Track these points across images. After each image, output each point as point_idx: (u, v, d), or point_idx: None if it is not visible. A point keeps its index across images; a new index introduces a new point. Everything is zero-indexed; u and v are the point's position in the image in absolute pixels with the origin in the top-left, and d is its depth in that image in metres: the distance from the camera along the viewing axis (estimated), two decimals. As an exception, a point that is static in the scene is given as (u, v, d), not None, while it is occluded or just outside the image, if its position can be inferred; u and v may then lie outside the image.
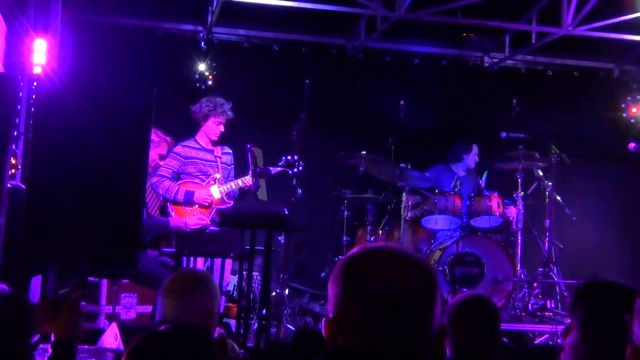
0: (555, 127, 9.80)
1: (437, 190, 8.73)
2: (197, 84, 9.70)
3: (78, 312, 3.35)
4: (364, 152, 8.68)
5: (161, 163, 7.52)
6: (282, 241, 7.85)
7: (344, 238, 9.14)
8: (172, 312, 3.32)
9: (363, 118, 10.37)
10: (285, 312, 7.82)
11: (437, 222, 8.73)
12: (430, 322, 1.76)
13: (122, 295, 7.25)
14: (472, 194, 8.69)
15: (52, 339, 3.31)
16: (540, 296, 8.60)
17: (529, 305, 8.27)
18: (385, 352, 1.70)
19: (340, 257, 8.48)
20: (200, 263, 6.85)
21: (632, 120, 10.04)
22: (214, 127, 7.75)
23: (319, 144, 9.68)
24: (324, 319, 1.80)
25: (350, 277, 1.78)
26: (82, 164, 3.80)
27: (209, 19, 9.69)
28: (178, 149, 7.70)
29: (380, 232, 8.73)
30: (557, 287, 8.50)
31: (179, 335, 3.22)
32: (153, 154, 7.08)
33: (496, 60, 10.90)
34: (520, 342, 7.19)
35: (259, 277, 8.32)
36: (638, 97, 10.23)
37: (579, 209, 9.87)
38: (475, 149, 9.41)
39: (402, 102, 8.36)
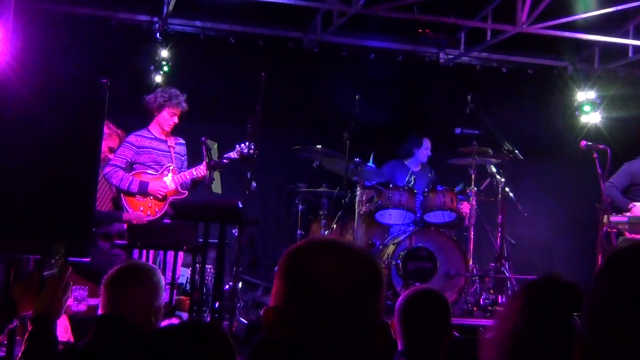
0: (508, 124, 9.90)
1: (391, 185, 8.75)
2: (152, 75, 9.61)
3: (57, 289, 3.33)
4: (319, 146, 8.70)
5: (110, 156, 7.47)
6: (236, 234, 7.82)
7: (298, 232, 9.15)
8: (111, 305, 3.31)
9: (318, 112, 10.37)
10: (239, 305, 7.81)
11: (391, 216, 8.77)
12: (369, 319, 1.76)
13: (74, 287, 7.17)
14: (426, 189, 8.74)
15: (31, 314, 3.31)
16: (491, 291, 8.68)
17: (481, 299, 8.34)
18: (320, 347, 1.69)
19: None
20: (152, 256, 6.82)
21: (584, 118, 10.16)
22: (167, 118, 7.73)
23: (274, 138, 9.66)
24: (264, 307, 1.81)
25: (290, 270, 1.79)
26: (33, 154, 3.74)
27: (165, 10, 9.61)
28: (131, 138, 7.66)
29: (334, 226, 8.75)
30: (508, 282, 8.59)
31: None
32: (103, 147, 7.04)
33: (451, 56, 10.98)
34: (472, 336, 7.26)
35: (212, 270, 8.29)
36: (590, 95, 10.34)
37: (531, 205, 9.99)
38: (426, 143, 9.47)
39: (357, 97, 8.38)
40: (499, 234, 8.66)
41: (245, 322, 7.24)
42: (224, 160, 7.36)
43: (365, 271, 1.77)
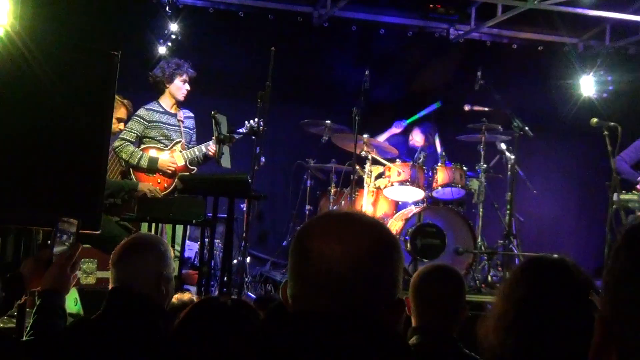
0: (518, 101, 9.85)
1: (399, 161, 8.73)
2: (161, 49, 9.58)
3: (65, 266, 3.34)
4: (328, 122, 8.70)
5: (120, 127, 7.46)
6: (244, 209, 7.82)
7: (306, 207, 9.17)
8: (120, 278, 3.31)
9: (327, 87, 10.34)
10: (247, 279, 7.84)
11: (400, 192, 8.75)
12: (379, 295, 1.74)
13: (82, 260, 7.19)
14: (435, 166, 8.72)
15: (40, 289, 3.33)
16: (500, 268, 8.69)
17: (489, 276, 8.34)
18: (328, 321, 1.68)
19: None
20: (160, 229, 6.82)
21: (594, 95, 10.11)
22: (180, 87, 7.75)
23: (283, 112, 9.67)
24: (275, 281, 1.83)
25: (292, 246, 1.80)
26: (44, 126, 3.74)
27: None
28: (141, 112, 7.66)
29: (343, 202, 8.75)
30: (516, 259, 8.59)
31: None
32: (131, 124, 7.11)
33: (461, 32, 10.90)
34: (480, 312, 7.26)
35: (220, 245, 8.31)
36: (601, 72, 10.29)
37: (540, 183, 9.99)
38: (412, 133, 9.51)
39: (366, 72, 8.34)
40: (508, 211, 8.64)
41: (253, 296, 7.26)
42: (234, 135, 7.34)
43: (368, 245, 1.73)
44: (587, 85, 10.11)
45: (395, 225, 8.52)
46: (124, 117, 7.50)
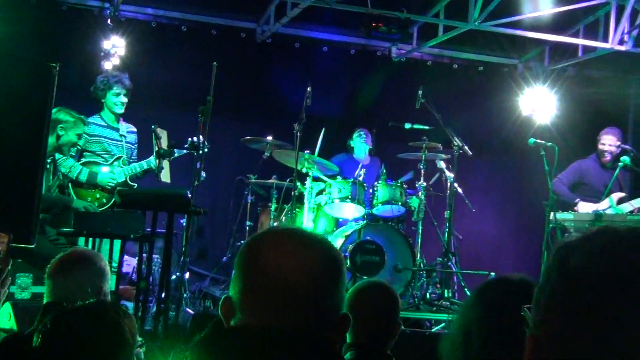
0: (458, 120, 9.98)
1: (340, 178, 8.77)
2: (103, 62, 9.48)
3: None
4: (270, 137, 8.70)
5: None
6: (184, 224, 7.77)
7: (247, 223, 9.14)
8: (58, 292, 3.27)
9: (270, 103, 10.35)
10: (185, 295, 7.77)
11: (340, 209, 8.78)
12: (326, 308, 1.75)
13: (17, 274, 7.06)
14: (376, 183, 8.77)
15: None
16: (438, 285, 8.75)
17: (427, 293, 8.40)
18: (274, 336, 1.68)
19: (242, 242, 8.46)
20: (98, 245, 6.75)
21: (532, 116, 10.29)
22: (114, 100, 7.70)
23: (224, 128, 9.65)
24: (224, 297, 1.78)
25: (242, 259, 1.78)
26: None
27: (117, -4, 9.51)
28: (82, 125, 7.58)
29: (283, 218, 8.75)
30: (454, 277, 8.67)
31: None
32: (71, 135, 7.01)
33: (403, 51, 11.01)
34: (418, 329, 7.31)
35: (159, 260, 8.23)
36: (540, 93, 10.45)
37: (479, 201, 10.09)
38: (359, 131, 9.59)
39: (308, 89, 8.37)
40: (447, 229, 8.72)
41: (192, 312, 7.20)
42: (175, 152, 7.32)
43: (321, 260, 1.75)
44: (526, 105, 10.29)
45: (335, 242, 8.53)
46: (82, 133, 7.41)
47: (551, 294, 1.17)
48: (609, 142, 8.77)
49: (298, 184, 8.57)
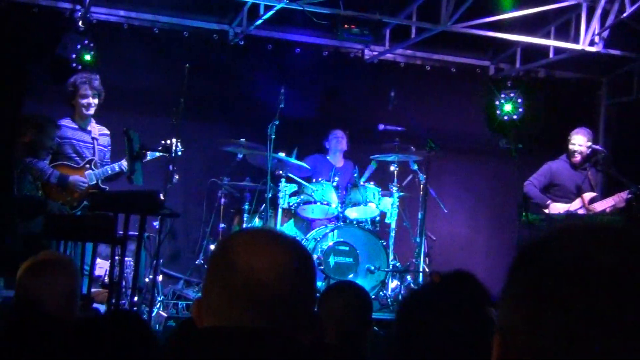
0: (431, 121, 10.04)
1: (314, 180, 8.80)
2: (74, 64, 9.43)
3: None
4: (243, 140, 8.69)
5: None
6: (157, 227, 7.75)
7: (220, 225, 9.12)
8: (30, 295, 3.26)
9: (243, 105, 10.33)
10: (159, 298, 7.76)
11: (313, 211, 8.82)
12: (298, 308, 1.76)
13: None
14: (349, 185, 8.81)
15: None
16: (411, 286, 8.79)
17: (400, 295, 8.43)
18: (246, 337, 1.68)
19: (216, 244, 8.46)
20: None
21: (505, 118, 10.36)
22: (82, 101, 7.69)
23: (198, 130, 9.64)
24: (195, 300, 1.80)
25: (214, 259, 1.80)
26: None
27: (87, -2, 9.47)
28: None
29: (257, 220, 8.77)
30: (428, 278, 8.71)
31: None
32: (43, 138, 6.98)
33: (376, 53, 11.03)
34: (391, 331, 7.33)
35: (131, 263, 8.20)
36: (511, 94, 10.54)
37: (452, 202, 10.15)
38: (335, 133, 9.71)
39: (282, 91, 8.39)
40: (420, 230, 8.77)
41: (165, 315, 7.19)
42: (148, 155, 7.32)
43: (292, 260, 1.76)
44: (498, 107, 10.37)
45: (308, 244, 8.57)
46: (55, 136, 7.38)
47: (515, 293, 1.16)
48: (579, 142, 8.84)
49: (272, 185, 8.59)
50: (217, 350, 1.66)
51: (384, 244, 8.67)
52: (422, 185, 8.91)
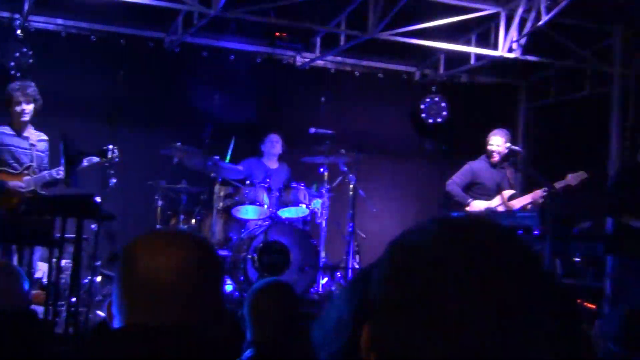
0: (360, 124, 10.38)
1: (247, 182, 9.09)
2: (13, 72, 9.55)
3: None
4: (179, 144, 8.90)
5: None
6: (94, 229, 7.95)
7: (158, 227, 9.29)
8: None
9: (179, 110, 10.45)
10: (97, 298, 7.91)
11: (247, 212, 9.08)
12: (200, 307, 1.83)
13: None
14: (282, 186, 9.12)
15: None
16: (341, 283, 9.12)
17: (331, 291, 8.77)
18: (148, 335, 1.75)
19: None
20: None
21: (430, 121, 10.73)
22: (17, 108, 7.81)
23: (135, 135, 9.78)
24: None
25: (124, 260, 1.88)
26: None
27: (26, 7, 9.60)
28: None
29: (193, 221, 8.99)
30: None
31: None
32: None
33: (307, 60, 11.31)
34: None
35: (70, 265, 8.37)
36: (436, 98, 10.95)
37: (380, 202, 10.46)
38: (272, 137, 9.87)
39: (216, 97, 8.62)
40: (350, 229, 9.11)
41: (103, 315, 7.36)
42: (85, 161, 7.49)
43: (190, 258, 1.83)
44: (423, 110, 10.76)
45: (243, 243, 8.84)
46: None
47: (383, 286, 1.15)
48: (497, 142, 9.16)
49: (207, 188, 8.85)
50: (119, 349, 1.73)
51: (315, 242, 9.01)
52: (351, 186, 9.26)
